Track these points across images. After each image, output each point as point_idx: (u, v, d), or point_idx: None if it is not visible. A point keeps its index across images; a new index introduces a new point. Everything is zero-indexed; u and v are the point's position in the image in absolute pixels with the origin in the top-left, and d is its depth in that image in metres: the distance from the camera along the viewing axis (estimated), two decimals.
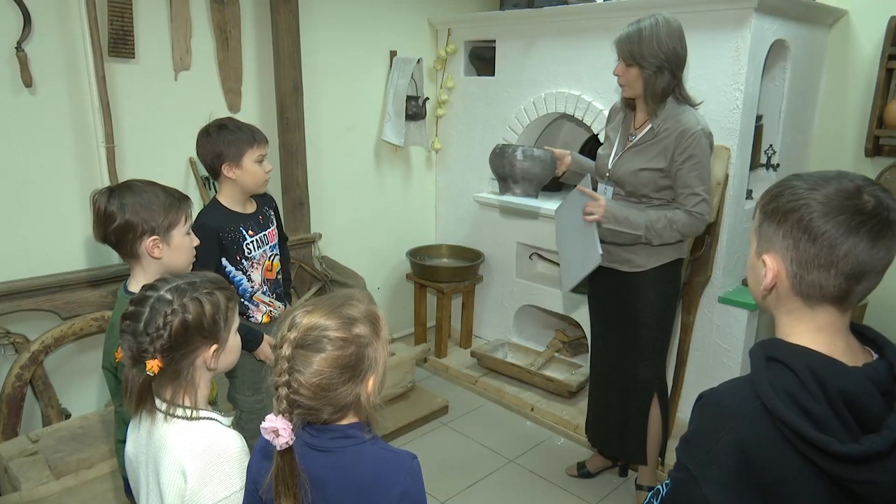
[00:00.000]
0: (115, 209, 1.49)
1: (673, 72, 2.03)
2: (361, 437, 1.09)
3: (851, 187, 0.86)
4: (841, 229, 0.85)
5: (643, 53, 2.00)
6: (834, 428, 0.83)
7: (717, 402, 0.92)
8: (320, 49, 3.18)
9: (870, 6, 2.81)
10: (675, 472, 0.95)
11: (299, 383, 1.02)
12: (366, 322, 1.08)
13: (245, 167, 2.03)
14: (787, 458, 0.85)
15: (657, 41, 1.98)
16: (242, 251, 2.09)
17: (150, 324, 1.15)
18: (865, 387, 0.85)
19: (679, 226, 2.08)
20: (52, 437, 2.30)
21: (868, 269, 0.87)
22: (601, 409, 2.51)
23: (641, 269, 2.22)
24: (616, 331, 2.38)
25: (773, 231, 0.91)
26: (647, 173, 2.12)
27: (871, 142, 2.80)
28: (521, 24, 3.27)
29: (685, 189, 2.07)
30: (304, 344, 1.03)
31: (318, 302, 1.10)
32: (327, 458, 1.07)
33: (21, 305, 2.36)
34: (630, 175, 2.16)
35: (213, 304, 1.22)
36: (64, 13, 2.36)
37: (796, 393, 0.85)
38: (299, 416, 1.05)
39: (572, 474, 2.65)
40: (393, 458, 1.10)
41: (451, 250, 3.81)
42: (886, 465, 0.83)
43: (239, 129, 2.03)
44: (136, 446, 1.27)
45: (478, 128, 3.62)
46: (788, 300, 0.92)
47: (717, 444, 0.87)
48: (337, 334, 1.04)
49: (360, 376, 1.07)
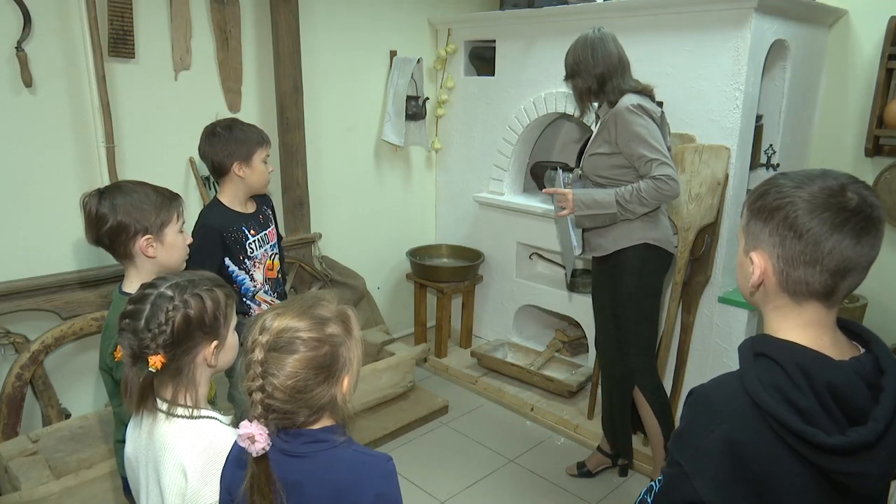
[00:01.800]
0: (107, 211, 1.49)
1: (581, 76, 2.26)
2: (335, 440, 1.08)
3: (835, 185, 0.88)
4: (826, 226, 0.87)
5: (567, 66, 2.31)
6: (821, 421, 0.84)
7: (707, 398, 0.94)
8: (320, 49, 3.18)
9: (870, 6, 2.81)
10: (667, 467, 0.96)
11: (273, 387, 1.01)
12: (337, 321, 1.08)
13: (255, 166, 2.07)
14: (777, 452, 0.86)
15: (578, 54, 2.25)
16: (245, 251, 2.09)
17: (151, 320, 1.15)
18: (852, 380, 0.87)
19: (645, 192, 2.16)
20: (52, 437, 2.30)
21: (853, 264, 0.88)
22: (602, 402, 2.62)
23: (608, 253, 2.32)
24: (599, 320, 2.52)
25: (759, 229, 0.93)
26: (596, 157, 2.32)
27: (871, 142, 2.80)
28: (521, 24, 3.27)
29: (639, 161, 2.18)
30: (277, 347, 1.02)
31: (287, 304, 1.09)
32: (301, 463, 1.06)
33: (21, 305, 2.36)
34: (586, 163, 2.37)
35: (213, 301, 1.22)
36: (64, 13, 2.36)
37: (784, 387, 0.86)
38: (274, 422, 1.03)
39: (572, 473, 2.66)
40: (368, 461, 1.09)
41: (451, 250, 3.81)
42: (873, 456, 0.84)
43: (249, 128, 2.09)
44: (136, 446, 1.27)
45: (478, 128, 3.62)
46: (776, 297, 0.94)
47: (707, 439, 0.89)
48: (310, 335, 1.03)
49: (335, 376, 1.06)
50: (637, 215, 2.23)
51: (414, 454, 2.81)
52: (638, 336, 2.36)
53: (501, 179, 3.54)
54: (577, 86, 2.29)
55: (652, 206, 2.21)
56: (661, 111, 2.28)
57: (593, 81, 2.24)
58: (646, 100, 2.23)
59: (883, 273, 2.82)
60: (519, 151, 3.50)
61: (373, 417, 2.97)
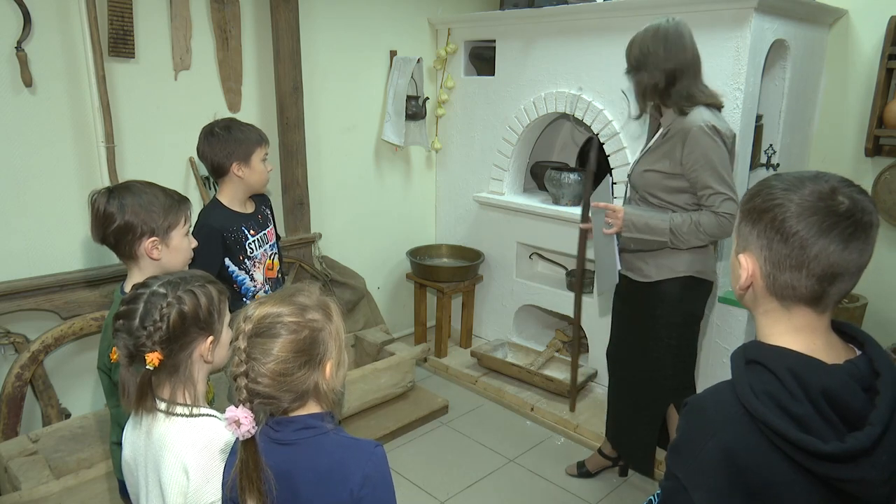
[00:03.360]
0: (115, 210, 1.49)
1: (648, 71, 2.04)
2: (323, 426, 1.10)
3: (826, 189, 0.86)
4: (812, 230, 0.85)
5: (635, 60, 2.08)
6: (818, 427, 0.82)
7: (701, 408, 0.92)
8: (320, 49, 3.18)
9: (870, 6, 2.81)
10: (665, 480, 0.94)
11: (257, 372, 1.04)
12: (318, 309, 1.11)
13: (253, 166, 2.06)
14: (774, 461, 0.84)
15: (648, 46, 2.03)
16: (245, 251, 2.09)
17: (146, 318, 1.16)
18: (847, 384, 0.85)
19: (705, 227, 2.02)
20: (52, 437, 2.30)
21: (840, 270, 0.86)
22: (613, 410, 2.52)
23: (649, 280, 2.19)
24: (629, 338, 2.36)
25: (749, 230, 0.92)
26: (652, 174, 2.13)
27: (871, 142, 2.80)
28: (521, 24, 3.27)
29: (705, 190, 2.02)
30: (259, 332, 1.05)
31: (270, 296, 1.13)
32: (291, 450, 1.08)
33: (21, 305, 2.36)
34: (638, 176, 2.19)
35: (206, 296, 1.23)
36: (64, 13, 2.36)
37: (777, 394, 0.84)
38: (260, 407, 1.06)
39: (572, 474, 2.65)
40: (355, 445, 1.11)
41: (451, 250, 3.81)
42: (873, 461, 0.83)
43: (247, 128, 2.08)
44: (135, 448, 1.27)
45: (478, 128, 3.62)
46: (764, 300, 0.93)
47: (703, 451, 0.87)
48: (290, 319, 1.07)
49: (317, 361, 1.08)
50: (688, 247, 2.09)
51: (414, 454, 2.81)
52: (676, 360, 2.25)
53: (501, 179, 3.54)
54: (642, 81, 2.07)
55: (707, 242, 2.09)
56: (734, 134, 2.12)
57: (661, 78, 2.02)
58: (719, 118, 2.07)
59: (883, 273, 2.82)
60: (519, 151, 3.50)
61: (373, 417, 2.97)
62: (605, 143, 2.98)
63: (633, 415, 2.40)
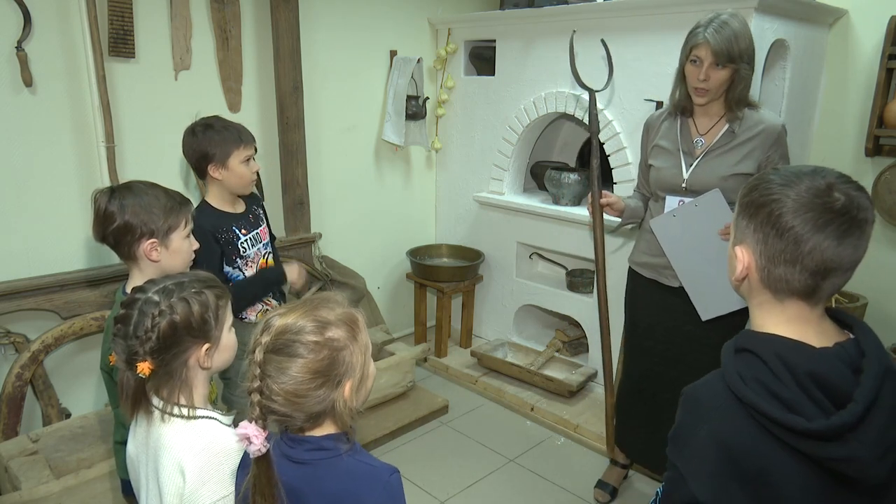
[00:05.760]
0: (115, 210, 1.49)
1: (750, 64, 1.94)
2: (337, 448, 1.06)
3: (823, 185, 0.87)
4: (807, 226, 0.86)
5: (741, 53, 1.89)
6: (807, 410, 0.83)
7: (695, 397, 0.94)
8: (320, 49, 3.18)
9: (870, 6, 2.81)
10: (667, 471, 0.96)
11: (271, 390, 1.01)
12: (341, 325, 1.05)
13: (231, 168, 1.98)
14: (766, 445, 0.86)
15: (748, 38, 1.89)
16: (238, 250, 2.08)
17: (138, 326, 1.15)
18: (835, 366, 0.86)
19: None
20: (52, 437, 2.30)
21: (834, 266, 0.87)
22: (638, 419, 2.33)
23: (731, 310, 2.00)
24: (678, 345, 2.17)
25: (745, 224, 0.93)
26: (737, 178, 1.95)
27: (871, 142, 2.80)
28: (521, 24, 3.27)
29: None
30: (276, 349, 1.01)
31: (295, 305, 1.08)
32: (303, 470, 1.05)
33: (21, 305, 2.36)
34: (719, 182, 1.97)
35: (201, 304, 1.21)
36: (64, 13, 2.36)
37: (765, 379, 0.86)
38: (275, 423, 1.03)
39: (605, 501, 2.46)
40: (369, 472, 1.07)
41: (451, 250, 3.81)
42: (860, 439, 0.83)
43: (226, 128, 1.98)
44: (137, 446, 1.27)
45: (478, 127, 3.62)
46: (759, 292, 0.95)
47: (698, 439, 0.89)
48: (309, 338, 1.02)
49: (335, 381, 1.04)
50: None
51: (414, 454, 2.81)
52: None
53: (501, 179, 3.54)
54: (746, 76, 1.91)
55: None
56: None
57: (751, 74, 1.91)
58: None
59: (883, 273, 2.82)
60: (519, 151, 3.50)
61: (373, 417, 2.97)
62: (606, 143, 2.98)
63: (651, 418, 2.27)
